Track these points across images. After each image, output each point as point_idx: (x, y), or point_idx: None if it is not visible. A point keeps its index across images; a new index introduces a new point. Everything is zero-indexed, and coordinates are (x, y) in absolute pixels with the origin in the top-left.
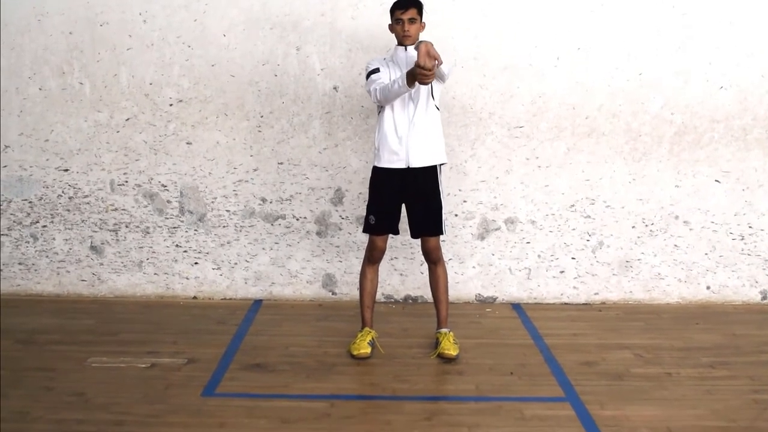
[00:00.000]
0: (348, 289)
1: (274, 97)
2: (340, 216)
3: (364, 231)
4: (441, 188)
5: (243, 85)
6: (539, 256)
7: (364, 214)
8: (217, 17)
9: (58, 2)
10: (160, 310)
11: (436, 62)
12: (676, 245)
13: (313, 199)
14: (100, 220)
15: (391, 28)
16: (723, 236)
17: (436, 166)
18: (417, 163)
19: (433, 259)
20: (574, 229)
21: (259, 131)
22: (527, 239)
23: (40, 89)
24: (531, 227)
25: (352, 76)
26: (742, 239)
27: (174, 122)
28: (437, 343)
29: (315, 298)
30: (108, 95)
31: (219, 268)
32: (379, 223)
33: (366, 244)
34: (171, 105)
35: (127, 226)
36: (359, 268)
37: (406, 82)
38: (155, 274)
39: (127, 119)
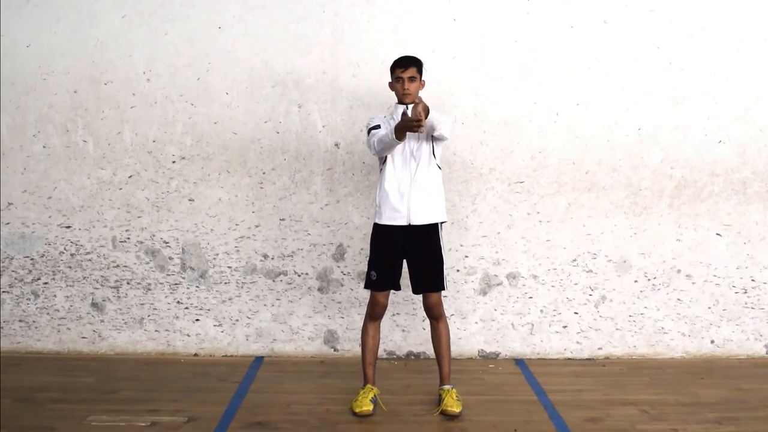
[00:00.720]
0: (350, 345)
1: (276, 154)
2: (342, 272)
3: (366, 287)
4: (442, 244)
5: (245, 143)
6: (542, 311)
7: (366, 270)
8: (220, 76)
9: (64, 61)
10: (161, 367)
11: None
12: (679, 299)
13: (314, 255)
14: (102, 276)
15: (391, 85)
16: (726, 290)
17: (437, 223)
18: (418, 220)
19: (435, 315)
20: (576, 284)
21: (261, 188)
22: (529, 294)
23: (44, 147)
24: (533, 282)
25: (354, 132)
26: (745, 293)
27: (176, 179)
28: (440, 400)
29: (317, 354)
30: (111, 153)
31: (220, 325)
32: (380, 278)
33: (367, 301)
34: (173, 162)
35: (128, 283)
36: (361, 325)
37: (394, 136)
38: (156, 330)
39: (130, 176)
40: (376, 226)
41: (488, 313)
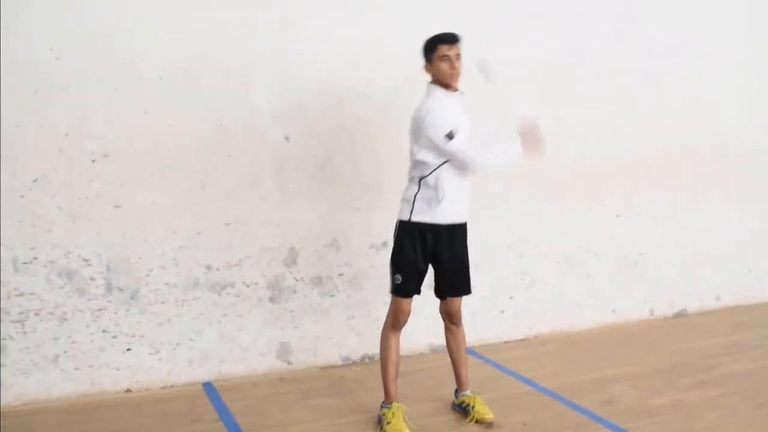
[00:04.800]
0: (304, 356)
1: (220, 149)
2: (295, 278)
3: (393, 293)
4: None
5: (183, 136)
6: (482, 298)
7: (324, 273)
8: (151, 56)
9: None
10: (102, 412)
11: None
12: (588, 275)
13: (264, 261)
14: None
15: (429, 68)
16: (621, 263)
17: (466, 222)
18: (457, 219)
19: (458, 320)
20: (510, 270)
21: (203, 188)
22: (472, 282)
23: None
24: (474, 270)
25: (305, 124)
26: (635, 265)
27: (97, 182)
28: (466, 407)
29: (269, 371)
30: (8, 151)
31: (157, 352)
32: (407, 283)
33: (388, 309)
34: (93, 161)
35: (36, 314)
36: (315, 333)
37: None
38: (76, 368)
39: (35, 180)
40: (405, 224)
41: (435, 306)
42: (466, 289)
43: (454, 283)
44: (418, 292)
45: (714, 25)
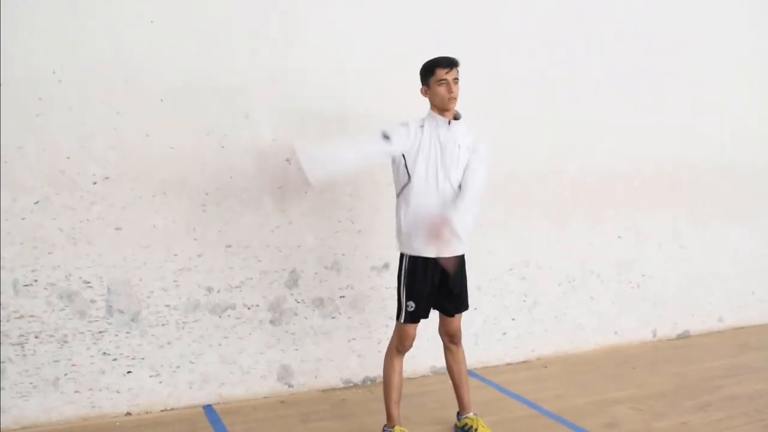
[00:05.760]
0: (305, 378)
1: (221, 171)
2: (296, 300)
3: (399, 320)
4: None
5: (184, 158)
6: (484, 321)
7: (325, 296)
8: (152, 78)
9: None
10: None
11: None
12: (591, 297)
13: (265, 283)
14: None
15: (426, 91)
16: (624, 284)
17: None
18: (456, 251)
19: (458, 339)
20: (512, 292)
21: (204, 211)
22: (474, 305)
23: None
24: (476, 293)
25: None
26: (638, 286)
27: (99, 204)
28: (468, 430)
29: (270, 394)
30: (10, 172)
31: (158, 375)
32: (418, 309)
33: (393, 334)
34: (94, 183)
35: (36, 337)
36: (316, 355)
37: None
38: (76, 391)
39: (36, 202)
40: (412, 258)
41: (437, 328)
42: (466, 305)
43: (460, 299)
44: (427, 316)
45: (716, 42)
